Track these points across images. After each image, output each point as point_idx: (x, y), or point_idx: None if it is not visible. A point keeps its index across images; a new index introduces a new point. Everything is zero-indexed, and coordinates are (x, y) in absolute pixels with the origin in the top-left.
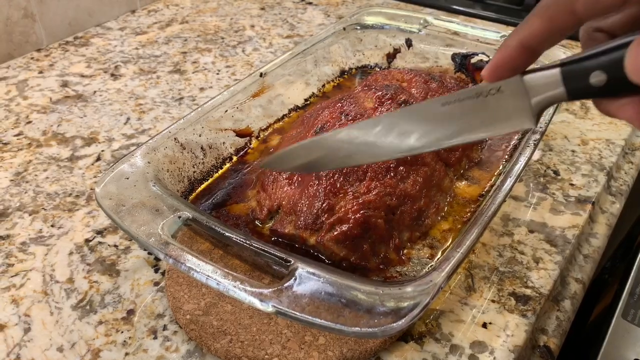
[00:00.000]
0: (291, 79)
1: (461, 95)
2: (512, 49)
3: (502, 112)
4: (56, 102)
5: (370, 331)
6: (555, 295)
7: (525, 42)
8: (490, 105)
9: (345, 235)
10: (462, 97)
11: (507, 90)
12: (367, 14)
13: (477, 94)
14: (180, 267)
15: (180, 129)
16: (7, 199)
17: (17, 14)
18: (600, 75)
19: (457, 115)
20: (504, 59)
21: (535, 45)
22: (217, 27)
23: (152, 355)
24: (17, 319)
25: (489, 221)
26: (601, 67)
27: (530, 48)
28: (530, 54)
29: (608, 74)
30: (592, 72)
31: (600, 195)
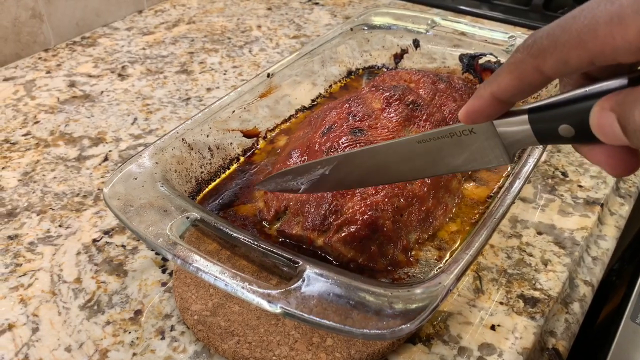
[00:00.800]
0: (298, 79)
1: (435, 135)
2: (485, 99)
3: (478, 150)
4: (64, 102)
5: (379, 333)
6: (563, 298)
7: (497, 95)
8: (465, 144)
9: (353, 236)
10: (436, 135)
11: (479, 133)
12: (375, 15)
13: (451, 134)
14: (188, 268)
15: (188, 130)
16: (15, 199)
17: (25, 14)
18: (568, 128)
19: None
20: (477, 108)
21: (506, 99)
22: (224, 27)
23: (159, 355)
24: (25, 319)
25: (497, 223)
26: (568, 121)
27: (502, 100)
28: (502, 105)
29: (575, 128)
30: (559, 124)
31: (608, 197)
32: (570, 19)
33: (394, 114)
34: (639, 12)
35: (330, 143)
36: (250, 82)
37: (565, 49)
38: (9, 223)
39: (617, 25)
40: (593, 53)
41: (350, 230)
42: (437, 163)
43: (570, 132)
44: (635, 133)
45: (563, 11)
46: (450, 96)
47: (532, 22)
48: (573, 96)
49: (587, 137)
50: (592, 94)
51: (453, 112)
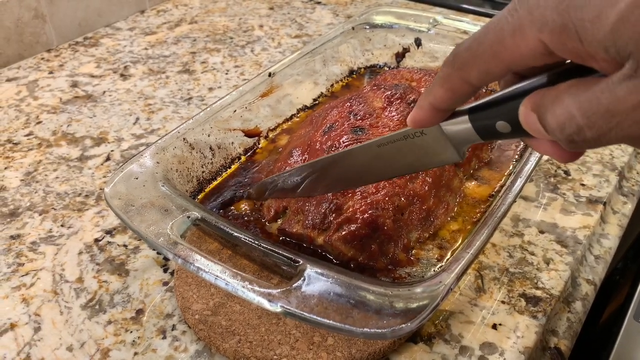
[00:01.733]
0: (300, 78)
1: (392, 138)
2: (425, 109)
3: (431, 150)
4: (66, 102)
5: (380, 332)
6: (566, 297)
7: (434, 105)
8: (418, 145)
9: (354, 235)
10: (393, 139)
11: (429, 134)
12: (376, 14)
13: (405, 137)
14: (189, 267)
15: (189, 129)
16: (17, 199)
17: (27, 15)
18: (505, 124)
19: (393, 155)
20: (419, 116)
21: (443, 108)
22: (226, 27)
23: (161, 355)
24: (28, 318)
25: (499, 222)
26: (503, 118)
27: (439, 109)
28: (442, 112)
29: (510, 124)
30: (496, 121)
31: (611, 195)
32: (483, 33)
33: (395, 113)
34: (534, 22)
35: (332, 142)
36: (251, 82)
37: (484, 61)
38: (11, 223)
39: (519, 36)
40: (507, 62)
41: (351, 229)
42: (397, 164)
43: (507, 128)
44: (554, 132)
45: None
46: None
47: None
48: (504, 95)
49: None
50: (518, 92)
51: None
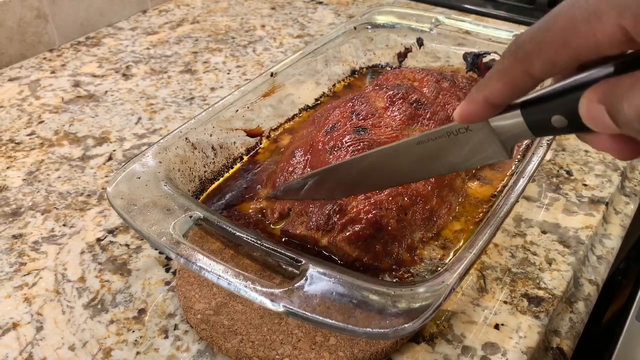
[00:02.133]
0: (302, 78)
1: (433, 135)
2: (478, 103)
3: (475, 147)
4: (68, 102)
5: (382, 332)
6: (568, 297)
7: (489, 100)
8: (462, 142)
9: (358, 235)
10: (434, 136)
11: (475, 130)
12: (378, 13)
13: (448, 133)
14: (192, 267)
15: (192, 129)
16: (19, 198)
17: (29, 15)
18: (561, 119)
19: (433, 153)
20: (471, 111)
21: (498, 102)
22: (228, 27)
23: (163, 354)
24: (30, 318)
25: (501, 222)
26: (559, 112)
27: (494, 104)
28: (496, 107)
29: (568, 118)
30: (551, 115)
31: (614, 195)
32: (550, 20)
33: (397, 113)
34: (614, 6)
35: (334, 142)
36: (253, 82)
37: (551, 50)
38: (13, 222)
39: (595, 21)
40: (577, 51)
41: (355, 230)
42: (437, 163)
43: (563, 122)
44: (627, 124)
45: None
46: (454, 95)
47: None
48: (562, 87)
49: (581, 126)
50: (580, 84)
51: None
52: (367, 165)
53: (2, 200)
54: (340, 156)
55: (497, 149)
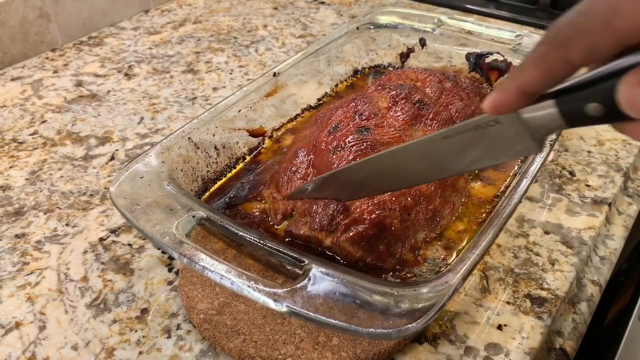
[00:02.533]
0: (304, 78)
1: (460, 129)
2: (511, 93)
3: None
4: (70, 101)
5: (385, 332)
6: (571, 298)
7: (523, 89)
8: (491, 135)
9: (361, 236)
10: (461, 130)
11: (505, 122)
12: (381, 14)
13: (476, 126)
14: (195, 267)
15: (194, 129)
16: (22, 198)
17: (32, 14)
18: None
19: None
20: (503, 101)
21: (532, 91)
22: (230, 27)
23: (165, 354)
24: (33, 317)
25: (504, 222)
26: (595, 99)
27: (528, 93)
28: (529, 97)
29: (604, 105)
30: (587, 103)
31: (616, 196)
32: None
33: (400, 113)
34: None
35: (337, 142)
36: (256, 82)
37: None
38: (16, 222)
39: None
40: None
41: (358, 230)
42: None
43: (599, 111)
44: None
45: None
46: (457, 95)
47: (539, 21)
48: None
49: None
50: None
51: (460, 111)
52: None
53: (5, 200)
54: (344, 156)
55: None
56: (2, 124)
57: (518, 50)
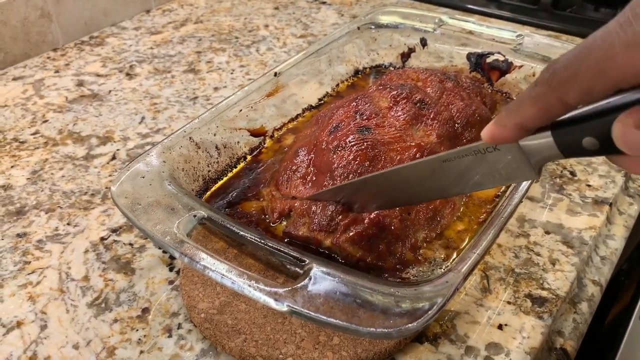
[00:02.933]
0: (305, 78)
1: (460, 153)
2: (509, 128)
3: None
4: (72, 101)
5: (386, 332)
6: (572, 298)
7: (520, 125)
8: (490, 161)
9: (361, 236)
10: (461, 154)
11: (503, 149)
12: (382, 13)
13: (476, 152)
14: (196, 266)
15: (195, 128)
16: (23, 197)
17: (34, 14)
18: (593, 141)
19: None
20: (502, 135)
21: (529, 127)
22: (231, 26)
23: (166, 353)
24: (34, 316)
25: (505, 222)
26: (591, 134)
27: (525, 128)
28: (525, 132)
29: (599, 140)
30: (583, 137)
31: (617, 196)
32: (586, 50)
33: (401, 113)
34: None
35: (338, 142)
36: (257, 81)
37: (587, 79)
38: (17, 221)
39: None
40: (615, 80)
41: (358, 230)
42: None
43: (594, 145)
44: None
45: (571, 10)
46: (458, 95)
47: (540, 21)
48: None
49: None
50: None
51: (461, 111)
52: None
53: (7, 199)
54: (344, 156)
55: (525, 170)
56: (4, 124)
57: (519, 50)
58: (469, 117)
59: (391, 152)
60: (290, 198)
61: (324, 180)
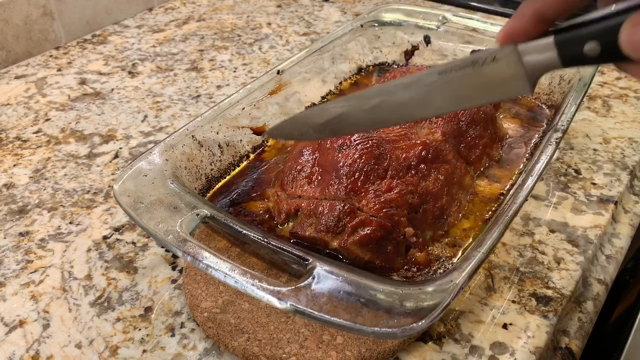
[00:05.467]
0: (308, 76)
1: (457, 65)
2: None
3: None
4: (74, 99)
5: (390, 331)
6: (577, 297)
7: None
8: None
9: (369, 238)
10: (458, 66)
11: (502, 59)
12: (385, 11)
13: (473, 63)
14: (199, 265)
15: (198, 127)
16: (26, 196)
17: (36, 12)
18: (595, 46)
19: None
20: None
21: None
22: (234, 24)
23: (169, 352)
24: (36, 315)
25: (510, 221)
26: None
27: (545, 18)
28: (544, 23)
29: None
30: (586, 42)
31: (622, 194)
32: None
33: None
34: None
35: (342, 140)
36: (260, 79)
37: None
38: (20, 220)
39: None
40: None
41: (366, 232)
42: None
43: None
44: None
45: None
46: None
47: None
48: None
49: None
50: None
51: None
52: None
53: (9, 198)
54: (349, 154)
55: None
56: (6, 122)
57: None
58: (473, 115)
59: (396, 150)
60: (296, 197)
61: (330, 179)
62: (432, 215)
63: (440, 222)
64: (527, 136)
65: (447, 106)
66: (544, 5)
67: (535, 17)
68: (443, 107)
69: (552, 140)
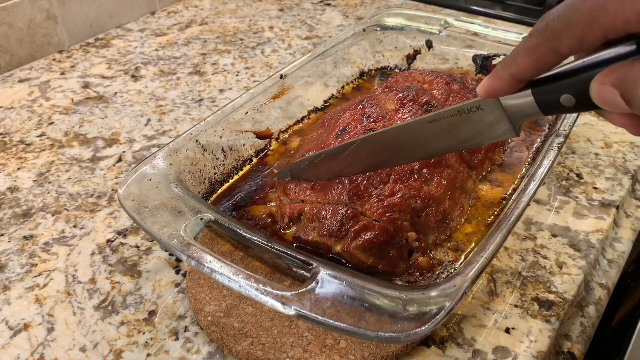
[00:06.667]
0: (311, 80)
1: (445, 114)
2: (504, 80)
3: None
4: (78, 103)
5: (394, 336)
6: (579, 301)
7: (515, 76)
8: (473, 120)
9: (372, 243)
10: (446, 115)
11: (486, 109)
12: (387, 16)
13: (460, 112)
14: (203, 269)
15: (202, 131)
16: (30, 200)
17: (40, 16)
18: (570, 97)
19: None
20: (496, 87)
21: (524, 78)
22: (237, 28)
23: (173, 356)
24: (41, 319)
25: (513, 226)
26: (569, 92)
27: (519, 80)
28: (519, 83)
29: (577, 98)
30: (561, 95)
31: (624, 199)
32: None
33: (408, 115)
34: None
35: None
36: (263, 84)
37: (579, 28)
38: (24, 224)
39: None
40: (606, 28)
41: (369, 237)
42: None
43: (572, 102)
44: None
45: None
46: (465, 97)
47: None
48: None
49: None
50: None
51: None
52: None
53: (13, 202)
54: None
55: (506, 128)
56: (10, 126)
57: None
58: None
59: None
60: (299, 202)
61: (333, 183)
62: (435, 220)
63: (443, 227)
64: (529, 141)
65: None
66: (518, 70)
67: (510, 79)
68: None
69: (555, 145)
